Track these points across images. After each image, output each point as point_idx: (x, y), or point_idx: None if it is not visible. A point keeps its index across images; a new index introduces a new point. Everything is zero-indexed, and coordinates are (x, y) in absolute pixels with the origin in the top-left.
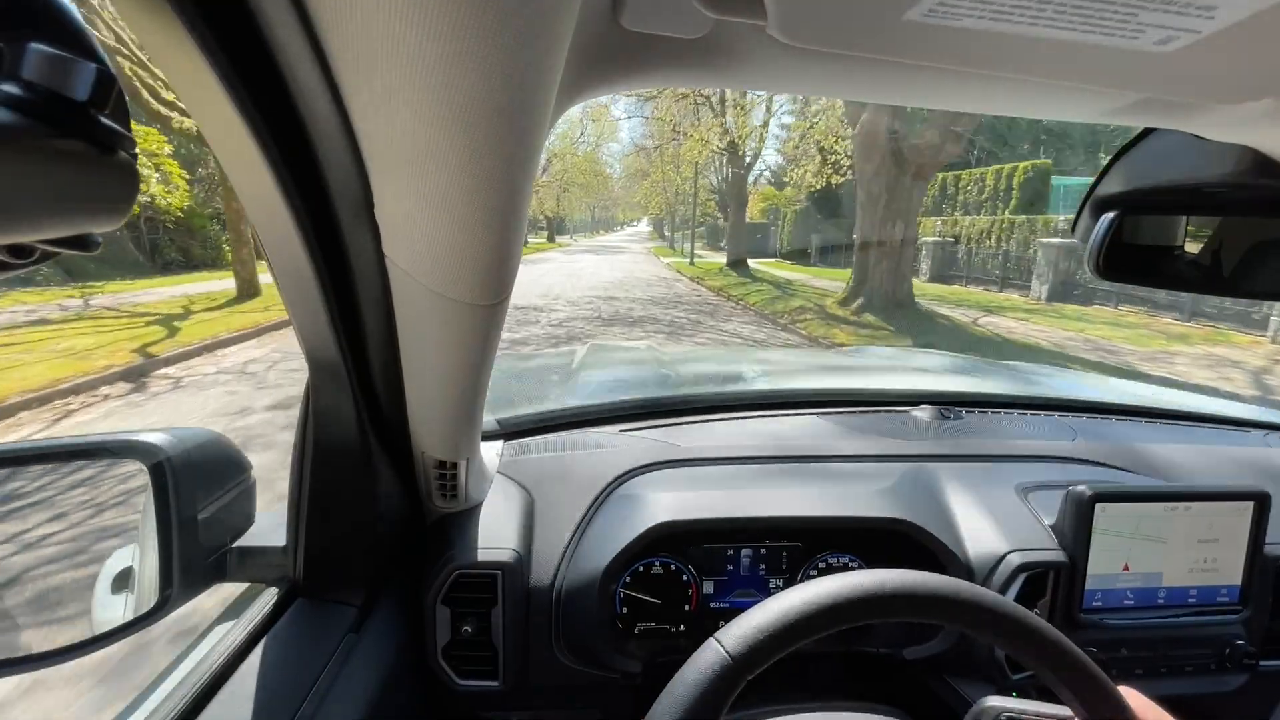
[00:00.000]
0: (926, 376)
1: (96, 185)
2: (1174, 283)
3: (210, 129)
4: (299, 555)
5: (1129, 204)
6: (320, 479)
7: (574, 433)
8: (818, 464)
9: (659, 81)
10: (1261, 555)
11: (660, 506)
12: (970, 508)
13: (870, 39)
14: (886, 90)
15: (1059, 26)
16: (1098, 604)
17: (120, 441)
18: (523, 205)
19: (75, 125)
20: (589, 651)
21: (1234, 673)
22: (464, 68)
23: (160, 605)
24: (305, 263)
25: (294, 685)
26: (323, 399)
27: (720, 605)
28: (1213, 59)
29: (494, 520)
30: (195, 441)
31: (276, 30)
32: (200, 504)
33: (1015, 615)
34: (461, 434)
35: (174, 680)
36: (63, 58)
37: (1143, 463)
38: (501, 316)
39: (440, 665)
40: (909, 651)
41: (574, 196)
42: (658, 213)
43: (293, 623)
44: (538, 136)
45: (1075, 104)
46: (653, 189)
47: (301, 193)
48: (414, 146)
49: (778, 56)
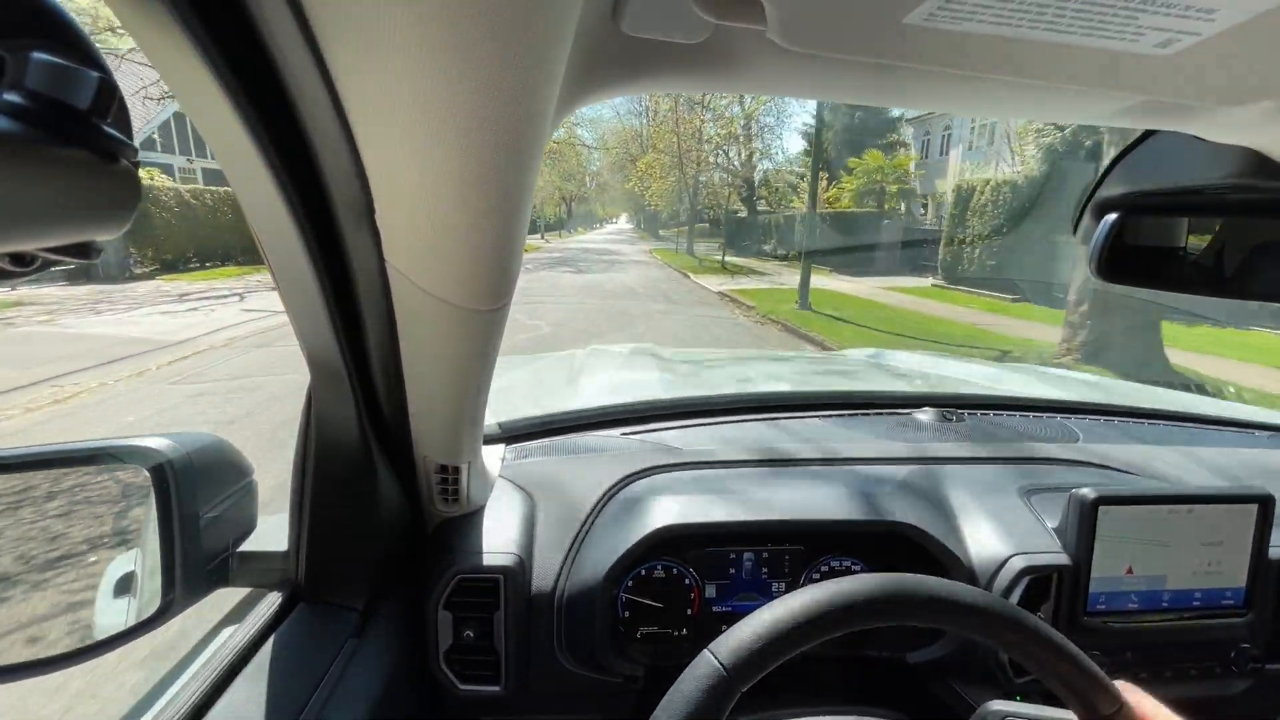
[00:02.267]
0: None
1: (98, 193)
2: (1176, 285)
3: (210, 134)
4: (301, 560)
5: (1130, 206)
6: (322, 483)
7: (575, 436)
8: (820, 467)
9: (659, 87)
10: (1266, 558)
11: (662, 510)
12: (973, 511)
13: (870, 43)
14: (886, 94)
15: (1059, 30)
16: (1101, 607)
17: (122, 446)
18: (523, 210)
19: (77, 133)
20: (591, 655)
21: (1239, 676)
22: (464, 74)
23: (163, 610)
24: (306, 267)
25: (297, 689)
26: (324, 403)
27: (722, 609)
28: (1214, 61)
29: (496, 524)
30: (197, 446)
31: (276, 36)
32: (202, 508)
33: (1009, 614)
34: (463, 438)
35: (178, 684)
36: (65, 66)
37: (1146, 465)
38: (502, 321)
39: (442, 670)
40: (912, 656)
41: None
42: (655, 204)
43: (295, 627)
44: (538, 142)
45: (1076, 107)
46: (658, 172)
47: (302, 198)
48: (413, 153)
49: (777, 61)
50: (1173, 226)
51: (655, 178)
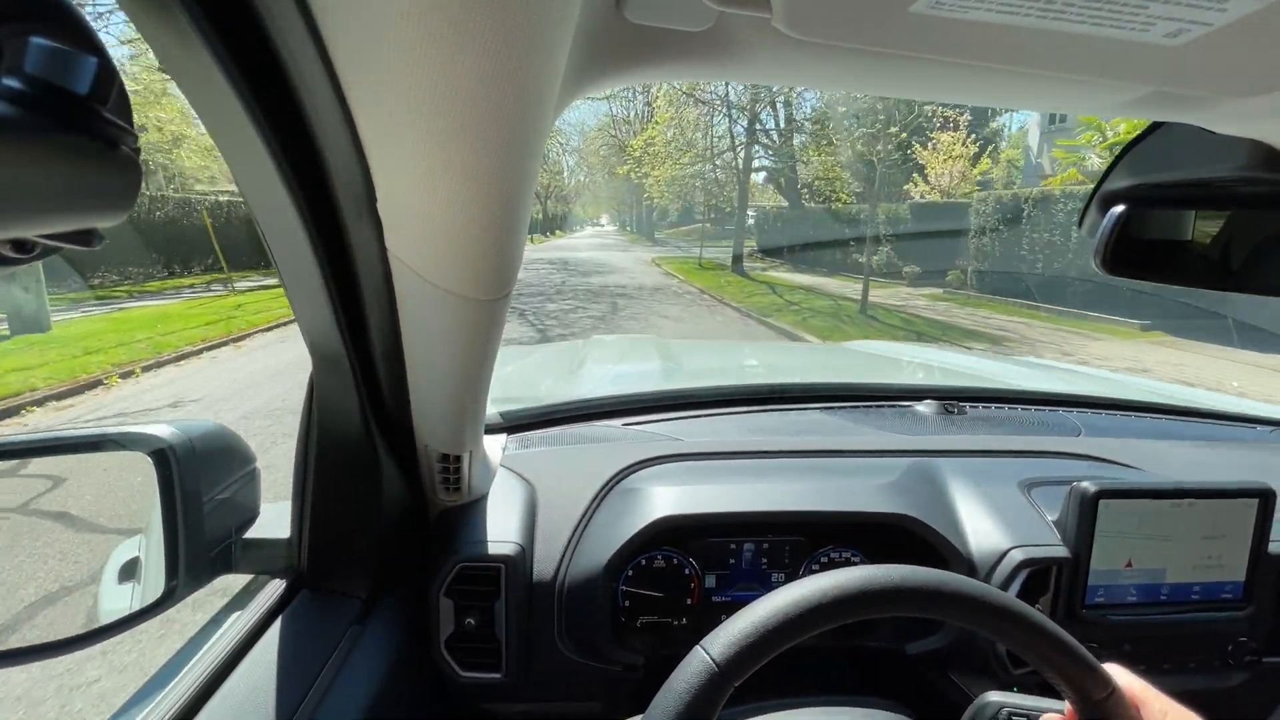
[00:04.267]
0: (931, 371)
1: (98, 180)
2: (1182, 278)
3: (213, 123)
4: (304, 547)
5: (1137, 198)
6: (324, 471)
7: (577, 426)
8: (821, 458)
9: (662, 75)
10: (1266, 552)
11: (663, 500)
12: (973, 503)
13: (876, 32)
14: (893, 83)
15: (1068, 19)
16: (1100, 600)
17: (126, 433)
18: (525, 200)
19: (77, 119)
20: (591, 644)
21: (1237, 669)
22: (466, 62)
23: (166, 596)
24: (308, 256)
25: (299, 676)
26: (326, 392)
27: (722, 599)
28: (1223, 52)
29: (497, 513)
30: (200, 432)
31: (279, 25)
32: (206, 495)
33: (999, 602)
34: (465, 427)
35: (181, 670)
36: (64, 51)
37: (1147, 459)
38: (504, 311)
39: (443, 657)
40: (910, 646)
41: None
42: (660, 196)
43: (298, 614)
44: (540, 131)
45: (1083, 98)
46: (663, 154)
47: (304, 187)
48: (415, 141)
49: (782, 49)
50: (1179, 219)
51: (660, 160)
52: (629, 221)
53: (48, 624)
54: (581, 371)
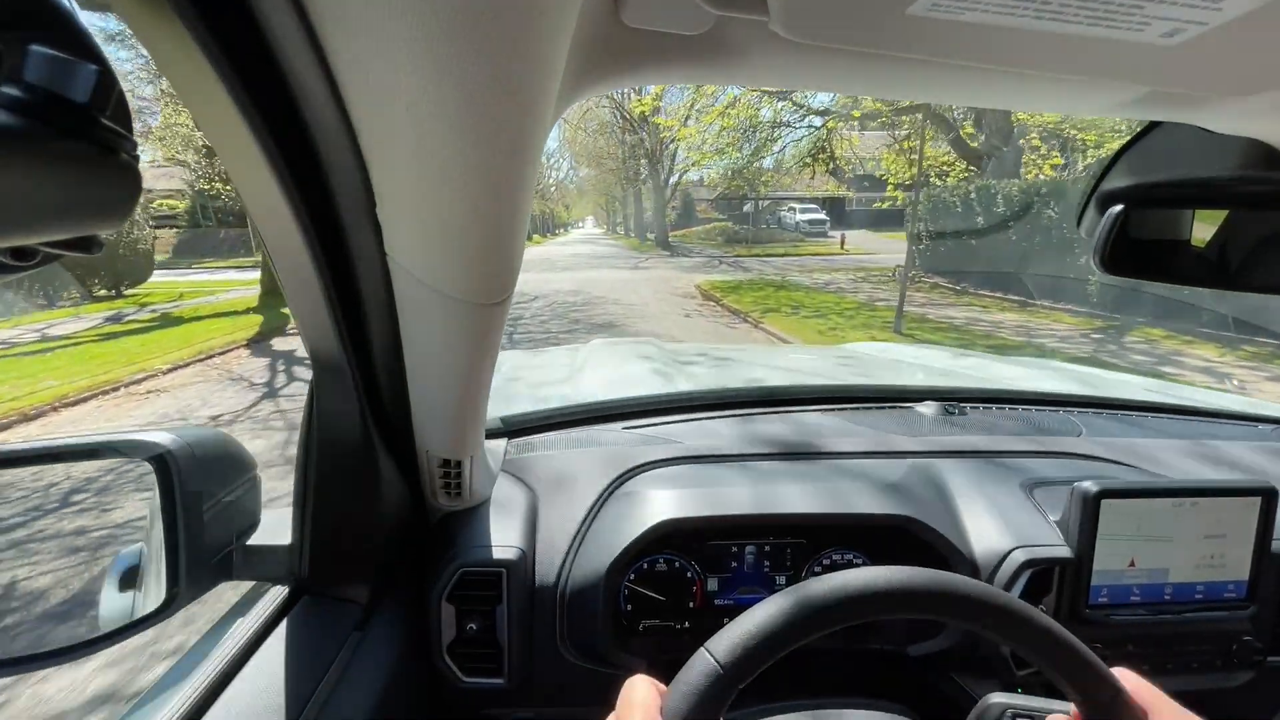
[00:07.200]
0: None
1: (98, 187)
2: (1181, 277)
3: (212, 129)
4: (305, 553)
5: (1135, 198)
6: (324, 477)
7: (578, 430)
8: (822, 460)
9: (660, 78)
10: (1269, 551)
11: (664, 503)
12: (975, 504)
13: (873, 34)
14: (890, 85)
15: (1064, 20)
16: (1104, 600)
17: (125, 440)
18: (524, 204)
19: (76, 127)
20: (593, 649)
21: (1241, 669)
22: (463, 67)
23: (167, 603)
24: (308, 261)
25: (301, 682)
26: (326, 397)
27: (725, 602)
28: (1220, 52)
29: (498, 518)
30: (200, 439)
31: (277, 29)
32: (206, 502)
33: (1003, 603)
34: (465, 432)
35: (184, 677)
36: (64, 60)
37: (1149, 458)
38: (503, 316)
39: (445, 662)
40: (914, 648)
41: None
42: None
43: (299, 620)
44: (539, 135)
45: (1081, 98)
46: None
47: (303, 192)
48: (414, 146)
49: (780, 52)
50: (1177, 218)
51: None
52: (620, 222)
53: (48, 630)
54: (582, 376)
